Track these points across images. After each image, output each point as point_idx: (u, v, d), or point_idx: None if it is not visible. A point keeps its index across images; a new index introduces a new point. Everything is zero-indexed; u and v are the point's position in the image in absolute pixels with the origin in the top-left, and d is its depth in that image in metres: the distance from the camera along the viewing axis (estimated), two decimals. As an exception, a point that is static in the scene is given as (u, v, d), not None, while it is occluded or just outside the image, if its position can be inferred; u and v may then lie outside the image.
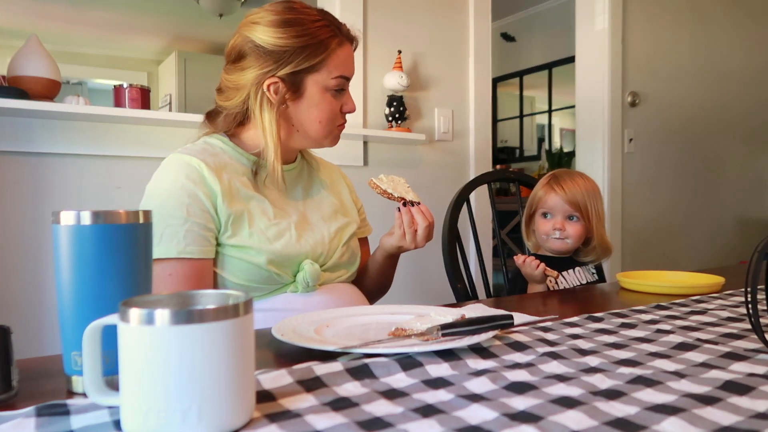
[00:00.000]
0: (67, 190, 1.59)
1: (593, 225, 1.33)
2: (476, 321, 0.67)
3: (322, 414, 0.45)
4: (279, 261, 0.96)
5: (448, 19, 2.31)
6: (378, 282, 1.20)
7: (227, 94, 1.02)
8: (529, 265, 1.22)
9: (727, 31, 3.48)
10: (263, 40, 0.97)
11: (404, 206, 1.04)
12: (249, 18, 1.00)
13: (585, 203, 1.31)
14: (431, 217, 1.05)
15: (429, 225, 1.04)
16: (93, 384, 0.45)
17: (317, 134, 1.04)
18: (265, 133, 0.99)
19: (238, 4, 4.13)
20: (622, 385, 0.52)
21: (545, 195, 1.35)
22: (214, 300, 0.49)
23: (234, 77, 1.00)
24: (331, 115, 1.03)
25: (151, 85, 3.79)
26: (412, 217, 1.04)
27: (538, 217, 1.38)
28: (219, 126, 1.05)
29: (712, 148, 3.44)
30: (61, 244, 0.52)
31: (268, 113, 0.99)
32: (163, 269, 0.89)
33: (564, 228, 1.32)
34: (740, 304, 0.94)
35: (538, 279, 1.24)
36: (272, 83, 0.98)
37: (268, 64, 0.97)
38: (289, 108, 1.01)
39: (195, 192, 0.92)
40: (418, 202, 1.05)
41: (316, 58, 0.98)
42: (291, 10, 0.99)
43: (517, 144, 5.74)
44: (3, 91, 1.45)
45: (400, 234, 1.05)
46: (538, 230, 1.37)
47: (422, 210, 1.04)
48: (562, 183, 1.33)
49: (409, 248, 1.07)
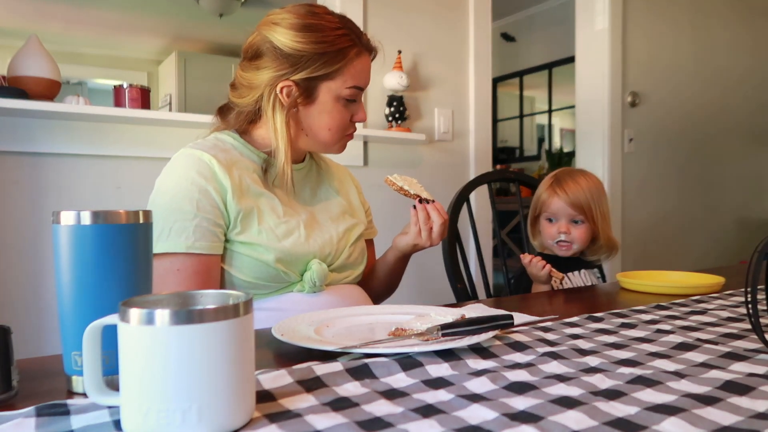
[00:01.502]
0: (67, 190, 1.59)
1: (598, 225, 1.32)
2: (476, 321, 0.67)
3: (322, 414, 0.45)
4: (287, 259, 0.96)
5: (448, 19, 2.31)
6: (387, 284, 1.20)
7: (241, 91, 1.02)
8: (535, 265, 1.22)
9: (727, 30, 3.48)
10: (282, 42, 0.96)
11: (420, 203, 1.05)
12: (270, 17, 0.99)
13: (589, 204, 1.31)
14: (446, 215, 1.06)
15: (444, 222, 1.06)
16: (93, 384, 0.45)
17: (326, 141, 1.04)
18: (277, 135, 0.99)
19: (238, 4, 4.13)
20: (622, 385, 0.52)
21: (548, 198, 1.34)
22: (214, 300, 0.49)
23: (249, 75, 1.00)
24: (342, 123, 1.03)
25: (151, 85, 3.79)
26: (427, 214, 1.05)
27: (543, 221, 1.37)
28: (230, 122, 1.05)
29: (713, 148, 3.44)
30: (61, 244, 0.52)
31: (279, 115, 0.99)
32: (172, 264, 0.89)
33: (569, 231, 1.32)
34: (740, 304, 0.94)
35: (543, 280, 1.24)
36: (286, 86, 0.98)
37: (284, 66, 0.97)
38: (299, 112, 1.01)
39: (205, 187, 0.92)
40: (432, 200, 1.06)
41: (332, 66, 0.97)
42: (312, 15, 0.98)
43: (517, 144, 5.75)
44: (3, 91, 1.45)
45: (416, 231, 1.06)
46: (543, 234, 1.37)
47: (437, 207, 1.05)
48: (564, 185, 1.32)
49: (424, 246, 1.07)
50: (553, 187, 1.34)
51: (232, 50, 4.89)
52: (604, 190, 1.36)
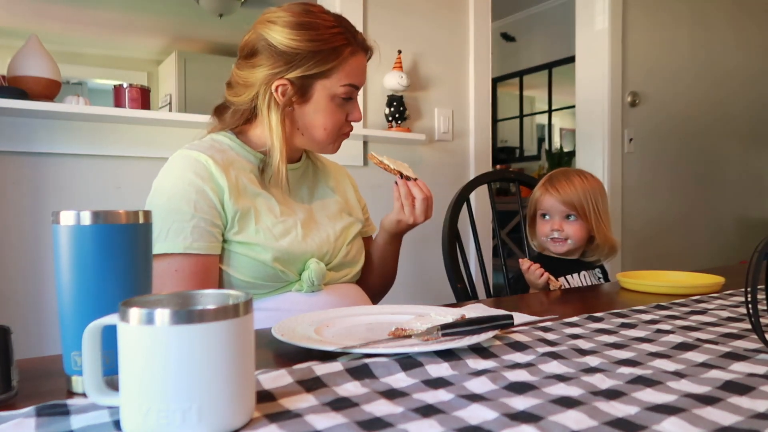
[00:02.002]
0: (67, 190, 1.59)
1: (593, 224, 1.33)
2: (476, 321, 0.67)
3: (322, 414, 0.45)
4: (285, 258, 0.96)
5: (448, 19, 2.31)
6: (381, 271, 1.19)
7: (237, 89, 1.02)
8: (533, 273, 1.23)
9: (727, 31, 3.48)
10: (277, 40, 0.97)
11: (401, 179, 1.06)
12: (266, 16, 1.00)
13: (581, 203, 1.31)
14: (428, 192, 1.07)
15: (426, 198, 1.06)
16: (93, 384, 0.45)
17: (321, 140, 1.04)
18: (272, 134, 0.99)
19: (238, 4, 4.13)
20: (622, 385, 0.52)
21: (541, 196, 1.36)
22: (214, 300, 0.49)
23: (244, 73, 1.00)
24: (336, 122, 1.03)
25: (151, 85, 3.79)
26: (408, 189, 1.05)
27: (538, 218, 1.38)
28: (226, 121, 1.05)
29: (712, 148, 3.44)
30: (61, 244, 0.52)
31: (275, 113, 0.99)
32: (170, 265, 0.89)
33: (562, 228, 1.33)
34: (740, 304, 0.94)
35: (541, 287, 1.24)
36: (280, 84, 0.98)
37: (279, 64, 0.97)
38: (295, 111, 1.01)
39: (202, 188, 0.92)
40: (415, 178, 1.06)
41: (327, 64, 0.98)
42: (308, 14, 0.99)
43: (517, 144, 5.75)
44: (3, 91, 1.45)
45: (398, 207, 1.06)
46: (538, 231, 1.38)
47: (419, 184, 1.06)
48: (557, 184, 1.34)
49: (407, 222, 1.07)
50: (545, 185, 1.36)
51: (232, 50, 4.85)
52: (602, 191, 1.36)
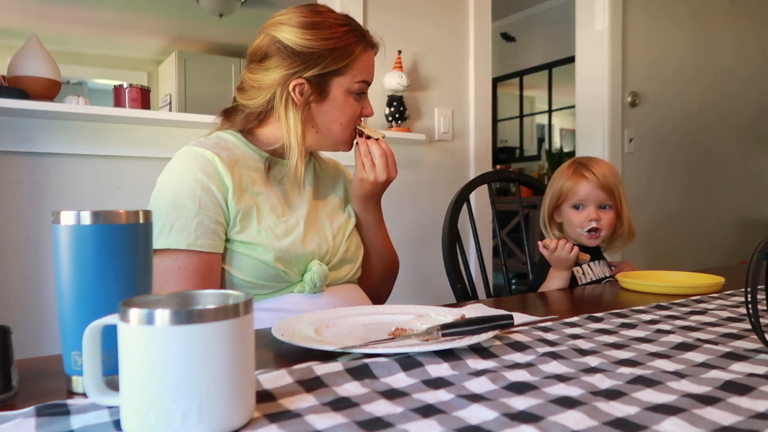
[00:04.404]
0: (67, 190, 1.59)
1: (621, 209, 1.30)
2: (476, 321, 0.67)
3: (322, 414, 0.45)
4: (286, 258, 0.96)
5: (448, 19, 2.31)
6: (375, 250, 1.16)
7: (250, 93, 1.03)
8: (563, 248, 1.19)
9: (727, 31, 3.48)
10: (291, 41, 0.97)
11: (361, 137, 1.06)
12: (275, 19, 1.01)
13: (617, 186, 1.29)
14: (388, 148, 1.07)
15: (384, 154, 1.05)
16: (93, 384, 0.45)
17: (337, 137, 1.05)
18: (290, 133, 1.00)
19: (238, 4, 4.13)
20: (622, 385, 0.52)
21: (575, 185, 1.30)
22: (214, 300, 0.49)
23: (258, 77, 1.01)
24: (352, 117, 1.04)
25: (151, 85, 3.79)
26: (368, 147, 1.06)
27: (568, 210, 1.32)
28: (237, 124, 1.05)
29: (712, 148, 3.44)
30: (61, 244, 0.52)
31: (293, 113, 1.00)
32: (173, 261, 0.89)
33: (600, 218, 1.29)
34: (740, 304, 0.94)
35: (569, 264, 1.21)
36: (298, 84, 0.99)
37: (296, 64, 0.98)
38: (312, 109, 1.02)
39: (208, 185, 0.92)
40: (377, 138, 1.07)
41: (342, 61, 0.99)
42: (318, 14, 1.00)
43: (517, 144, 5.75)
44: (3, 91, 1.45)
45: (359, 165, 1.07)
46: (571, 223, 1.32)
47: (379, 143, 1.06)
48: (591, 168, 1.30)
49: (368, 179, 1.06)
50: (579, 171, 1.30)
51: (232, 50, 4.89)
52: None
